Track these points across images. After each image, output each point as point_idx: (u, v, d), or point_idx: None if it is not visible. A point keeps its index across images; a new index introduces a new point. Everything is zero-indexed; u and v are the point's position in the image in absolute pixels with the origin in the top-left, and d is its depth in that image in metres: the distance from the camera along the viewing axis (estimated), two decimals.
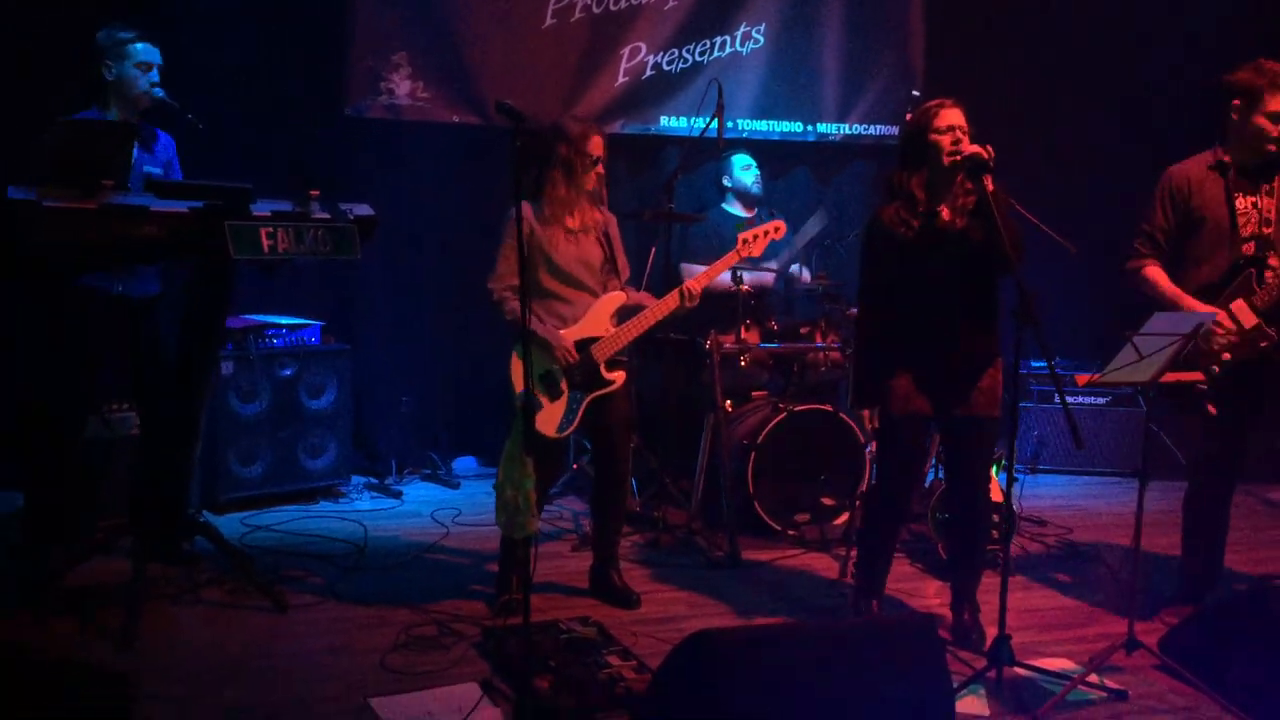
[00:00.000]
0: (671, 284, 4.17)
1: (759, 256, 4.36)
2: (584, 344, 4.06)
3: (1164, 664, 3.63)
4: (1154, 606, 4.14)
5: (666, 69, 6.24)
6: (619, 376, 4.11)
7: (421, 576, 4.49)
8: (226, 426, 5.23)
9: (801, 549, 4.93)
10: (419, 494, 5.81)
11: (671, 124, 6.28)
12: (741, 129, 6.34)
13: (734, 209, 5.87)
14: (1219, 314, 3.84)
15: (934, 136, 3.64)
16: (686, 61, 6.27)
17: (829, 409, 5.14)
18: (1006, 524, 3.95)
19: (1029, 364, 6.27)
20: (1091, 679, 3.52)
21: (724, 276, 5.24)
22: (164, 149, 4.20)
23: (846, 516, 5.06)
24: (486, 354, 5.59)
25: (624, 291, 4.19)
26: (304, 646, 3.75)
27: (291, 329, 5.47)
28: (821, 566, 4.74)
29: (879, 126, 6.63)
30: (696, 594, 4.35)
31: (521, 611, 3.18)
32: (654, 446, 5.44)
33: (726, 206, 5.89)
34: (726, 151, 5.85)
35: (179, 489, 4.08)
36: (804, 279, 5.79)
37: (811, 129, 6.58)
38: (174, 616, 3.98)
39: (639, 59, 6.18)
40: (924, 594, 4.43)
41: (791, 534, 5.05)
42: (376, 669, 3.57)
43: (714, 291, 5.40)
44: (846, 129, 6.63)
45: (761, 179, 5.91)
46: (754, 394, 5.55)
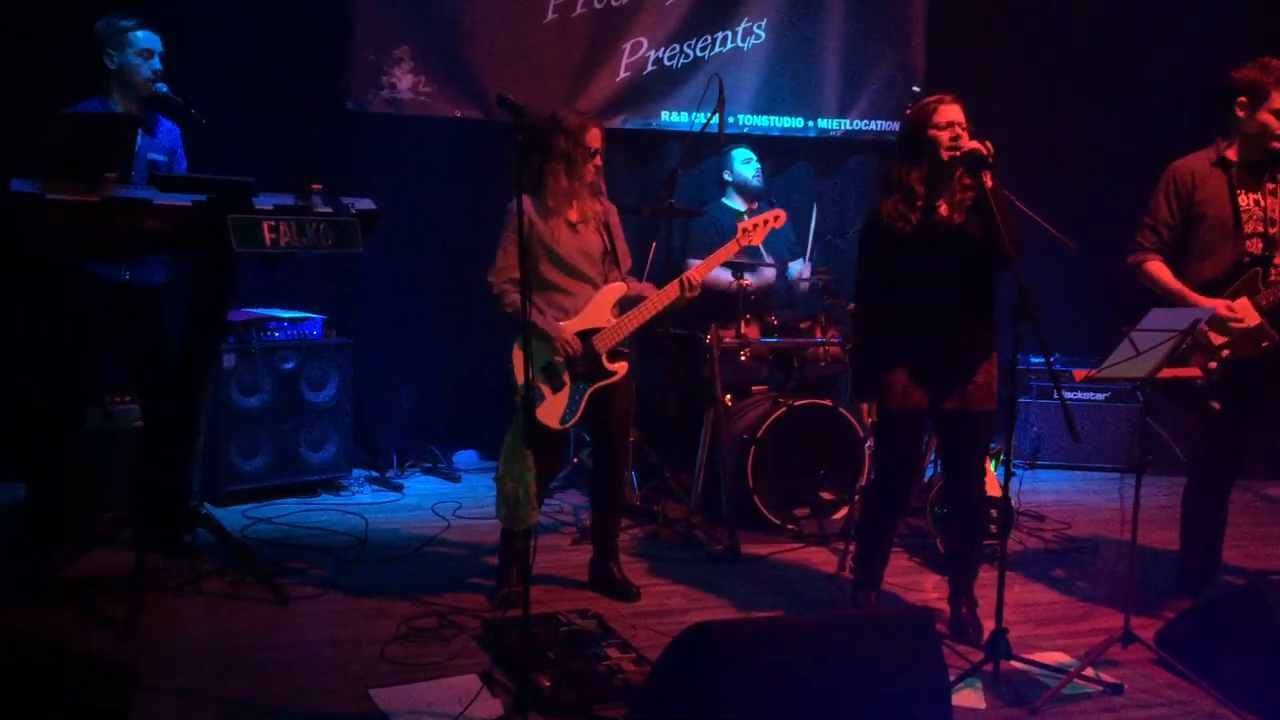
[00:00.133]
0: (674, 278, 4.17)
1: (758, 245, 4.36)
2: (585, 335, 4.07)
3: (1160, 658, 3.65)
4: (1151, 601, 4.16)
5: (668, 64, 6.24)
6: (621, 367, 4.12)
7: (422, 569, 4.51)
8: (228, 419, 5.25)
9: (800, 543, 4.95)
10: (420, 487, 5.82)
11: (673, 119, 6.28)
12: (742, 124, 6.35)
13: (735, 203, 5.88)
14: (1229, 302, 3.87)
15: (933, 132, 3.65)
16: (688, 57, 6.27)
17: (828, 404, 5.16)
18: (1004, 519, 3.98)
19: (1028, 360, 6.28)
20: (1088, 673, 3.53)
21: (725, 274, 5.29)
22: (168, 136, 4.18)
23: (845, 511, 5.08)
24: (487, 348, 5.62)
25: (625, 282, 4.19)
26: (305, 638, 3.77)
27: (293, 322, 5.48)
28: (820, 561, 4.75)
29: (879, 122, 6.63)
30: (696, 587, 4.37)
31: (521, 604, 3.20)
32: (654, 441, 5.46)
33: (727, 201, 5.90)
34: (727, 146, 5.86)
35: (181, 482, 4.09)
36: (804, 275, 5.80)
37: (812, 124, 6.58)
38: (175, 608, 4.00)
39: (640, 54, 6.18)
40: (922, 588, 4.44)
41: (791, 528, 5.07)
42: (377, 660, 3.59)
43: (715, 287, 5.43)
44: (847, 125, 6.63)
45: (762, 173, 5.92)
46: (754, 389, 5.57)
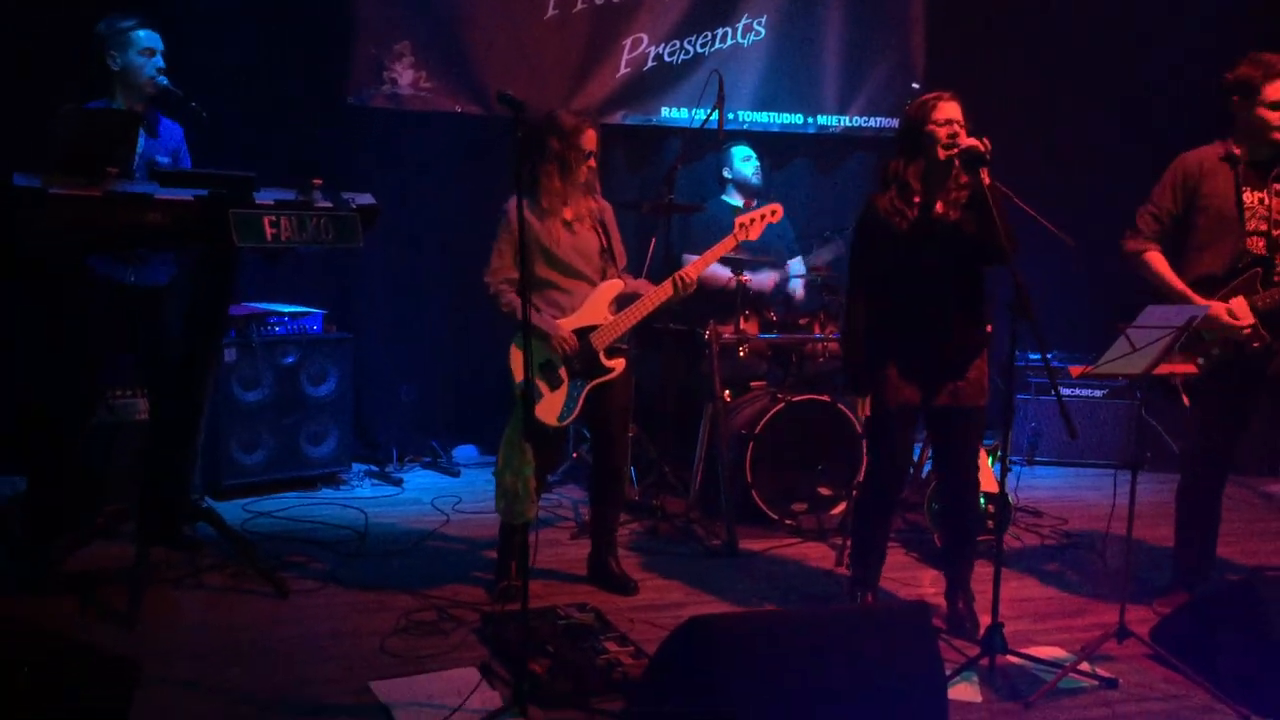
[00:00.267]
0: (672, 274, 4.18)
1: (755, 240, 4.37)
2: (582, 332, 4.08)
3: (1155, 653, 3.67)
4: (1147, 597, 4.18)
5: (668, 60, 6.25)
6: (619, 364, 4.13)
7: (422, 563, 4.53)
8: (229, 413, 5.27)
9: (798, 538, 4.97)
10: (419, 481, 5.84)
11: (672, 115, 6.29)
12: (742, 120, 6.36)
13: (734, 200, 5.89)
14: (1227, 305, 3.88)
15: (931, 128, 3.66)
16: (688, 53, 6.28)
17: (827, 399, 5.17)
18: (1001, 515, 4.00)
19: (1026, 356, 6.29)
20: (1083, 667, 3.55)
21: (724, 270, 5.30)
22: (171, 136, 4.18)
23: (843, 506, 5.10)
24: (487, 344, 5.62)
25: (621, 279, 4.20)
26: (305, 630, 3.79)
27: (294, 317, 5.49)
28: (818, 555, 4.77)
29: (879, 119, 6.64)
30: (694, 582, 4.39)
31: (520, 597, 3.21)
32: (653, 436, 5.48)
33: (727, 198, 5.91)
34: (727, 143, 5.87)
35: (182, 477, 4.10)
36: (799, 296, 5.84)
37: (812, 121, 6.60)
38: (176, 600, 4.02)
39: (640, 50, 6.19)
40: (919, 583, 4.45)
41: (789, 523, 5.09)
42: (377, 653, 3.61)
43: (714, 284, 5.45)
44: (847, 121, 6.64)
45: (762, 170, 5.94)
46: (752, 384, 5.58)
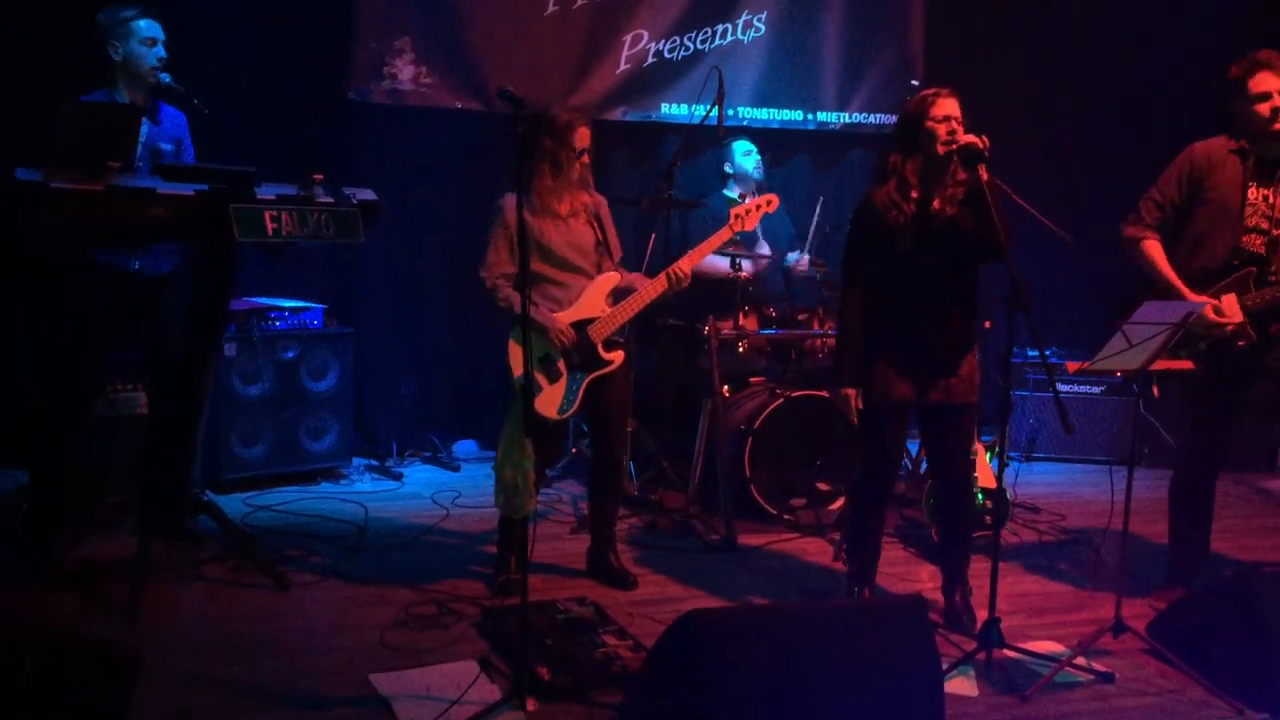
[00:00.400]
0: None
1: (751, 230, 4.38)
2: (580, 325, 4.09)
3: (1151, 648, 3.69)
4: (1143, 591, 4.20)
5: (668, 57, 6.26)
6: (617, 356, 4.14)
7: (421, 557, 4.54)
8: (229, 408, 5.28)
9: (797, 533, 4.98)
10: (419, 476, 5.85)
11: (672, 111, 6.30)
12: (742, 117, 6.37)
13: (735, 194, 5.89)
14: (1216, 303, 3.89)
15: (930, 124, 3.66)
16: (688, 49, 6.29)
17: (826, 395, 5.18)
18: (999, 511, 4.01)
19: (1025, 353, 6.31)
20: (1079, 661, 3.57)
21: (724, 263, 5.31)
22: (175, 125, 4.17)
23: (842, 501, 5.11)
24: (487, 338, 5.63)
25: (618, 272, 4.21)
26: (305, 623, 3.81)
27: (294, 312, 5.50)
28: (816, 551, 4.79)
29: (879, 115, 6.65)
30: (692, 576, 4.40)
31: (520, 591, 3.23)
32: (652, 431, 5.49)
33: (728, 193, 5.92)
34: (728, 138, 5.88)
35: (183, 471, 4.11)
36: (801, 266, 5.83)
37: (811, 117, 6.61)
38: (177, 593, 4.03)
39: (641, 46, 6.20)
40: (917, 579, 4.47)
41: (787, 518, 5.10)
42: (377, 646, 3.62)
43: (714, 276, 5.46)
44: (846, 117, 6.65)
45: (763, 165, 5.95)
46: (752, 380, 5.59)
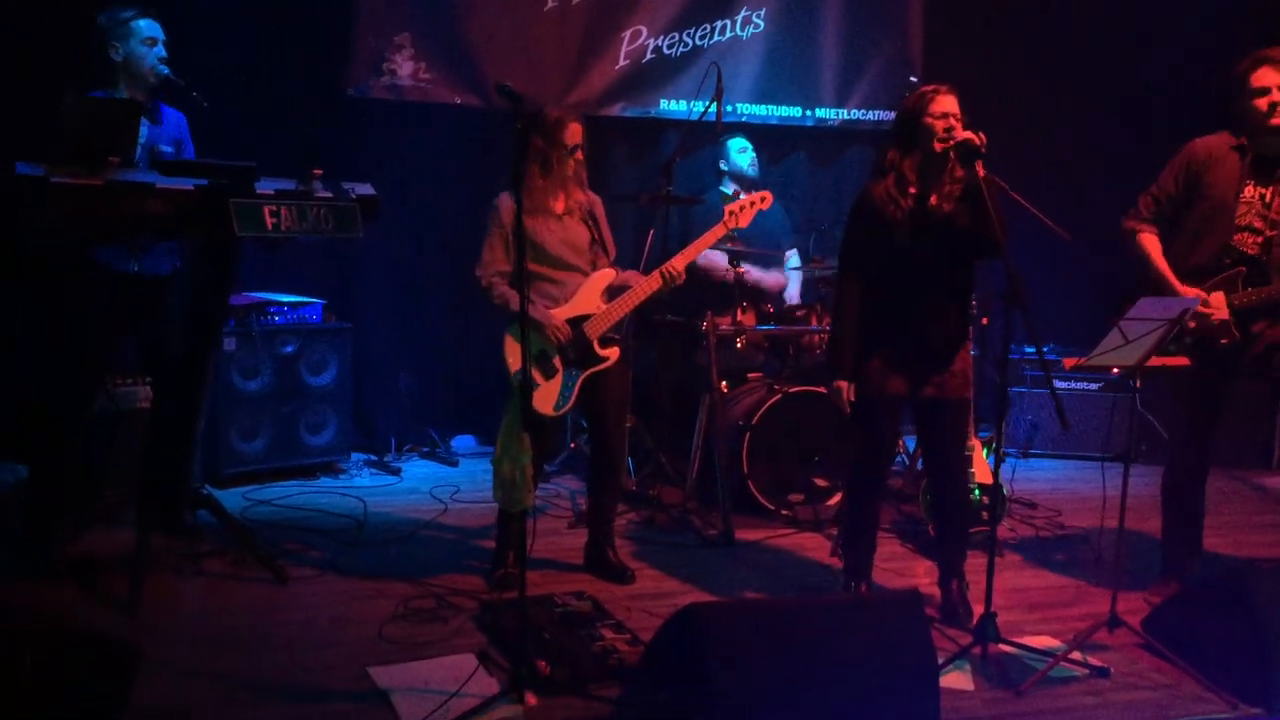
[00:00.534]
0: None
1: (745, 227, 4.39)
2: (576, 321, 4.10)
3: (1146, 643, 3.70)
4: (1138, 586, 4.21)
5: (667, 53, 6.26)
6: (613, 353, 4.16)
7: (420, 551, 4.56)
8: (229, 402, 5.29)
9: (794, 529, 5.00)
10: (418, 471, 5.86)
11: (671, 107, 6.30)
12: (740, 113, 6.37)
13: (730, 192, 5.90)
14: (1205, 296, 3.92)
15: (928, 120, 3.68)
16: (687, 45, 6.29)
17: (823, 391, 5.17)
18: (996, 506, 4.03)
19: (1022, 350, 6.32)
20: (1075, 656, 3.58)
21: (722, 260, 5.32)
22: (175, 126, 4.19)
23: (839, 497, 5.12)
24: (486, 334, 5.60)
25: (613, 269, 4.23)
26: (304, 617, 3.82)
27: (293, 307, 5.51)
28: (814, 546, 4.80)
29: (877, 112, 6.64)
30: (690, 571, 4.42)
31: (518, 585, 3.24)
32: (650, 426, 5.51)
33: (724, 189, 5.93)
34: (724, 135, 5.89)
35: (183, 467, 4.13)
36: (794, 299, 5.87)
37: (810, 114, 6.60)
38: (176, 587, 4.04)
39: (639, 42, 6.20)
40: (914, 573, 4.49)
41: (785, 514, 5.11)
42: (376, 639, 3.64)
43: (712, 273, 5.47)
44: (845, 114, 6.65)
45: (758, 162, 5.95)
46: (749, 375, 5.60)
